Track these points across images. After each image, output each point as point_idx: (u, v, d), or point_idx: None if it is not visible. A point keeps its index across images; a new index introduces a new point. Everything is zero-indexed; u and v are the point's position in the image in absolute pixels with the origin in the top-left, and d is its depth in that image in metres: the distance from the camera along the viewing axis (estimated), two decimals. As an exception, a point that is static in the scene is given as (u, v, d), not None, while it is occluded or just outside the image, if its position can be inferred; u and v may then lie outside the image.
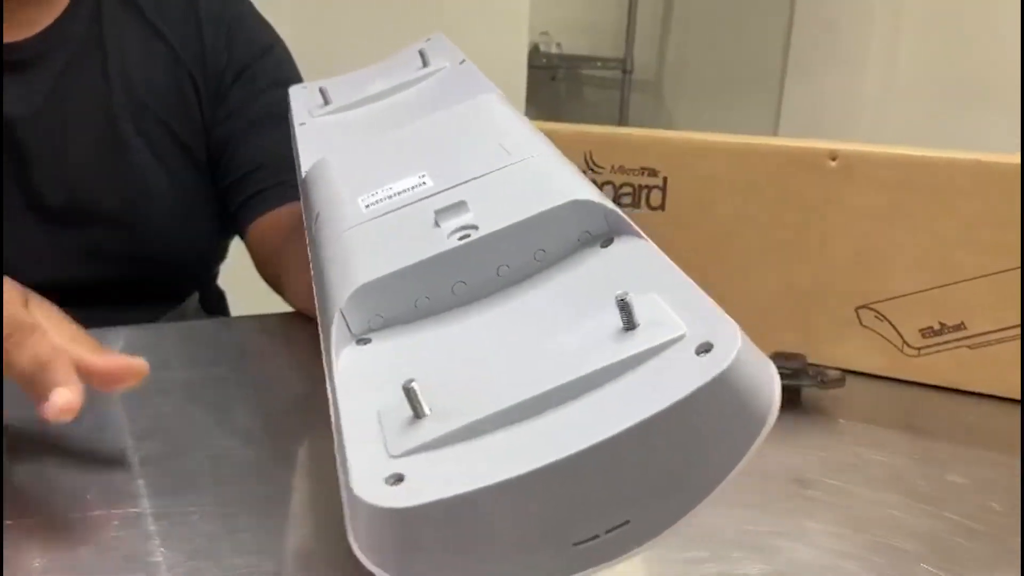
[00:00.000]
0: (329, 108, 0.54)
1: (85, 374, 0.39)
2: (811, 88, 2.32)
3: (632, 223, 0.34)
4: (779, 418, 0.27)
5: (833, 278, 0.61)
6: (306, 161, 0.47)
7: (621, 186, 0.66)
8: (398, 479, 0.26)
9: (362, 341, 0.34)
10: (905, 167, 0.59)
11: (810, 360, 0.57)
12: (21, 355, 0.38)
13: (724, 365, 0.25)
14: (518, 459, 0.25)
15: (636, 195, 0.66)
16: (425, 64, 0.55)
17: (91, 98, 0.73)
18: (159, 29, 0.75)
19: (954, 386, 0.59)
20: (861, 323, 0.61)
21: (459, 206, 0.36)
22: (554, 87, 3.06)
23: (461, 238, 0.34)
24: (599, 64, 2.82)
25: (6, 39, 0.70)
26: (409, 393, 0.28)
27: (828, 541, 0.40)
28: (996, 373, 0.58)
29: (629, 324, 0.28)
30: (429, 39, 0.59)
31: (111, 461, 0.44)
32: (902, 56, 2.15)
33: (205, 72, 0.76)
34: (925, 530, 0.41)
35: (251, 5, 0.82)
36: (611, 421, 0.25)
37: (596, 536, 0.26)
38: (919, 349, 0.60)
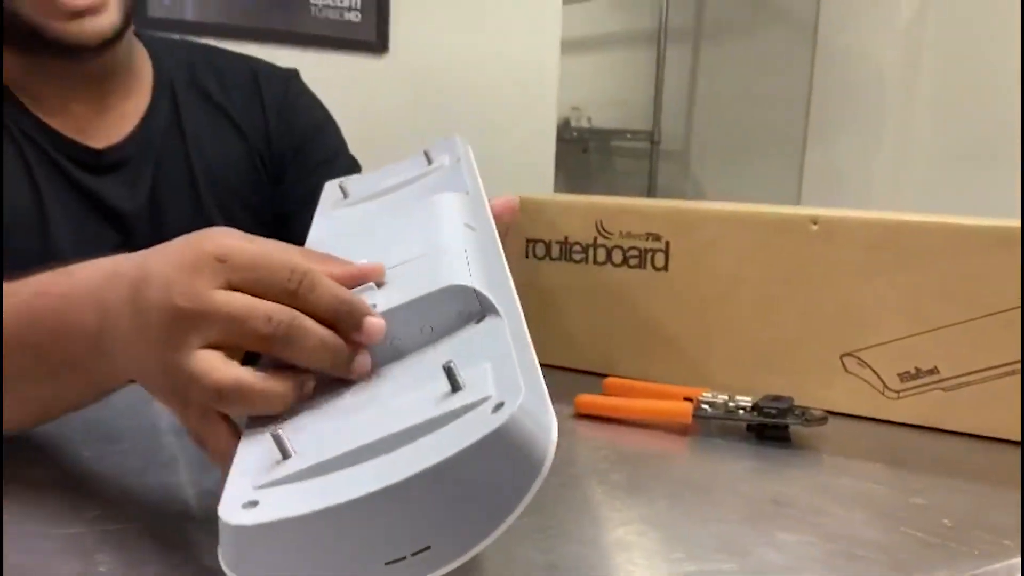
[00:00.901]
0: (346, 202, 0.63)
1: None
2: (831, 153, 2.41)
3: (495, 304, 0.41)
4: (766, 451, 0.33)
5: (819, 329, 0.68)
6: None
7: (628, 249, 0.74)
8: (252, 504, 0.33)
9: None
10: (879, 229, 0.66)
11: (797, 403, 0.64)
12: (320, 297, 0.39)
13: (500, 422, 0.31)
14: (336, 493, 0.32)
15: (642, 258, 0.74)
16: (429, 162, 0.63)
17: (181, 185, 0.83)
18: (228, 112, 0.85)
19: (931, 425, 0.65)
20: (846, 369, 0.68)
21: (370, 287, 0.44)
22: (585, 158, 3.18)
23: None
24: (628, 136, 2.94)
25: (102, 143, 0.80)
26: (276, 439, 0.35)
27: (797, 548, 0.46)
28: (968, 413, 0.64)
29: (454, 387, 0.35)
30: (446, 139, 0.67)
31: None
32: (917, 121, 2.22)
33: (269, 150, 0.87)
34: (884, 542, 0.47)
35: (307, 88, 0.93)
36: (409, 466, 0.32)
37: (404, 558, 0.32)
38: (898, 392, 0.66)
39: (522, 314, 0.43)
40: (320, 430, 0.38)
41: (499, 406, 0.33)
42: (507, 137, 1.86)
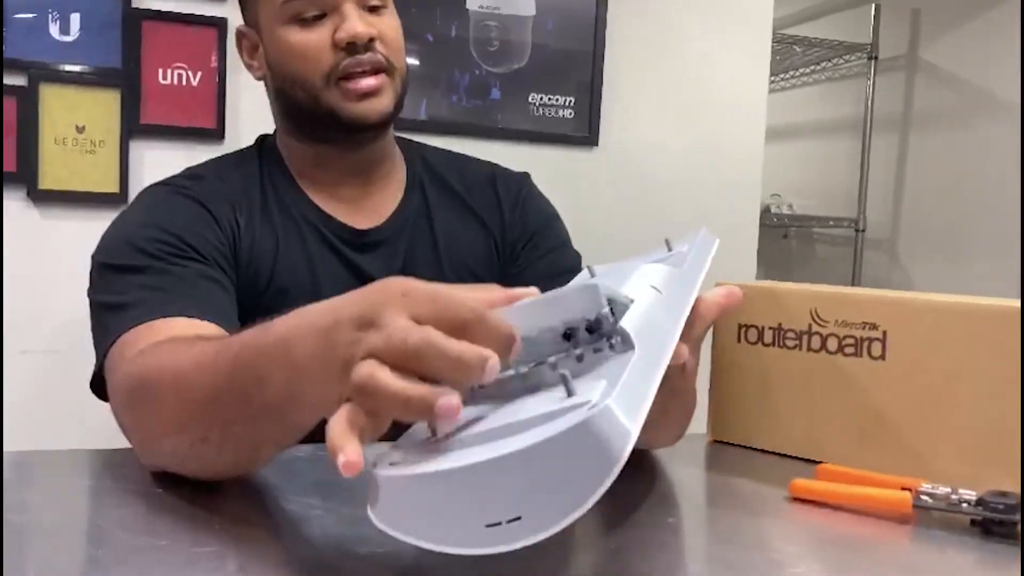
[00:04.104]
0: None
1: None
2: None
3: (632, 339, 0.47)
4: (993, 547, 0.34)
5: (1050, 426, 0.67)
6: None
7: (844, 338, 0.76)
8: (396, 462, 0.44)
9: None
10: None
11: (1027, 499, 0.62)
12: (489, 331, 0.45)
13: (578, 420, 0.38)
14: (453, 462, 0.40)
15: (858, 346, 0.75)
16: (669, 249, 0.73)
17: (429, 262, 0.96)
18: (470, 205, 0.99)
19: None
20: (1081, 469, 0.65)
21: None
22: (785, 245, 3.14)
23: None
24: (831, 223, 2.88)
25: (364, 225, 0.95)
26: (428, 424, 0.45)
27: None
28: None
29: (569, 393, 0.42)
30: (696, 231, 0.77)
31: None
32: None
33: (504, 239, 0.99)
34: None
35: (537, 188, 1.05)
36: (509, 445, 0.39)
37: (500, 523, 0.39)
38: None
39: (663, 364, 0.49)
40: (470, 419, 0.46)
41: (591, 407, 0.39)
42: (711, 224, 1.87)
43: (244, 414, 0.55)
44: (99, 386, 0.77)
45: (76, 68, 1.52)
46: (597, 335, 0.49)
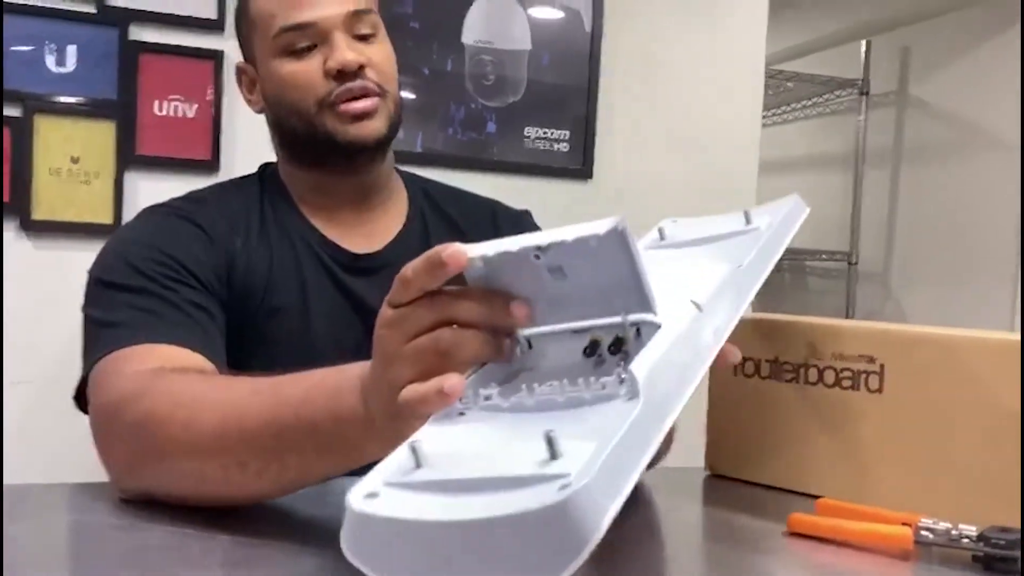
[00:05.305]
0: (659, 243, 0.70)
1: None
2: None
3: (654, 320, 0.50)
4: None
5: (1049, 460, 0.66)
6: None
7: (841, 371, 0.76)
8: (373, 496, 0.42)
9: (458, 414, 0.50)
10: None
11: (1027, 535, 0.62)
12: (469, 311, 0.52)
13: (552, 500, 0.37)
14: (420, 512, 0.40)
15: (855, 379, 0.75)
16: (747, 222, 0.70)
17: None
18: (470, 238, 0.97)
19: None
20: (1081, 504, 0.65)
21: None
22: (778, 278, 3.15)
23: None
24: (823, 256, 2.89)
25: (361, 249, 0.95)
26: (413, 449, 0.44)
27: None
28: None
29: (552, 455, 0.41)
30: (785, 199, 0.75)
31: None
32: None
33: None
34: None
35: (536, 224, 1.06)
36: (482, 510, 0.38)
37: None
38: None
39: (670, 413, 0.47)
40: (457, 450, 0.46)
41: (565, 487, 0.38)
42: (704, 257, 1.90)
43: (308, 446, 0.59)
44: (81, 398, 0.79)
45: (72, 99, 1.52)
46: (618, 355, 0.49)
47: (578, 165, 1.80)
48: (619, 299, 0.53)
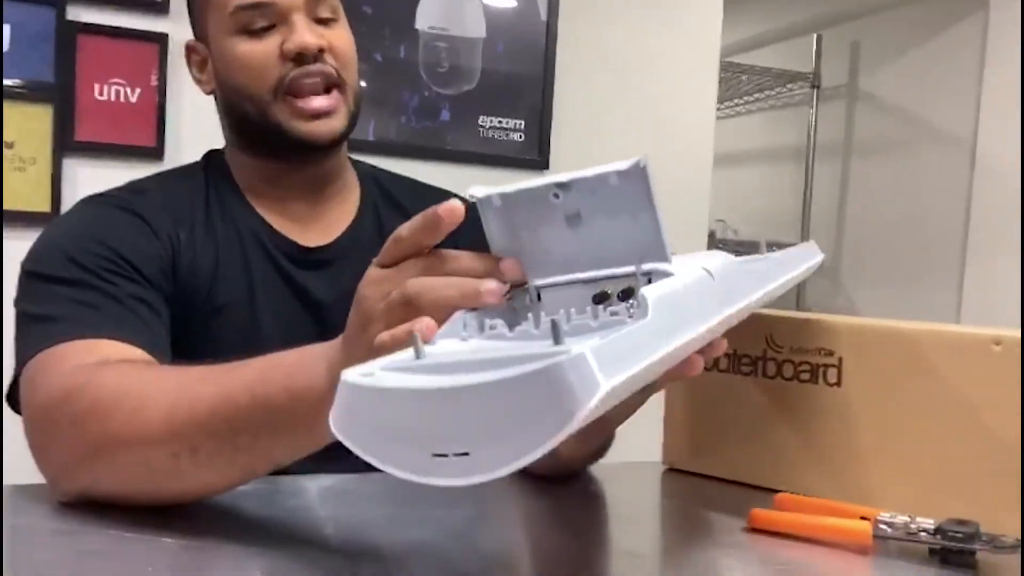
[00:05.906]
0: None
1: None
2: (991, 273, 2.31)
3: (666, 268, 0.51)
4: (944, 575, 0.34)
5: (1003, 453, 0.66)
6: None
7: (800, 364, 0.75)
8: (367, 374, 0.42)
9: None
10: (1068, 353, 0.65)
11: (984, 529, 0.62)
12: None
13: (541, 366, 0.36)
14: (412, 383, 0.39)
15: (814, 372, 0.75)
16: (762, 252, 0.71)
17: None
18: None
19: None
20: (1035, 496, 0.65)
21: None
22: (730, 270, 3.16)
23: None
24: (774, 249, 2.92)
25: (312, 243, 0.91)
26: (414, 341, 0.44)
27: None
28: None
29: (556, 341, 0.41)
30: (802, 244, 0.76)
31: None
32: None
33: None
34: None
35: None
36: (468, 379, 0.37)
37: (447, 455, 0.38)
38: (1096, 524, 0.63)
39: (676, 339, 0.46)
40: (460, 348, 0.46)
41: (561, 355, 0.37)
42: (658, 249, 1.90)
43: (268, 427, 0.58)
44: (13, 398, 0.75)
45: (6, 82, 1.46)
46: (629, 301, 0.49)
47: (533, 155, 1.79)
48: (634, 247, 0.52)
